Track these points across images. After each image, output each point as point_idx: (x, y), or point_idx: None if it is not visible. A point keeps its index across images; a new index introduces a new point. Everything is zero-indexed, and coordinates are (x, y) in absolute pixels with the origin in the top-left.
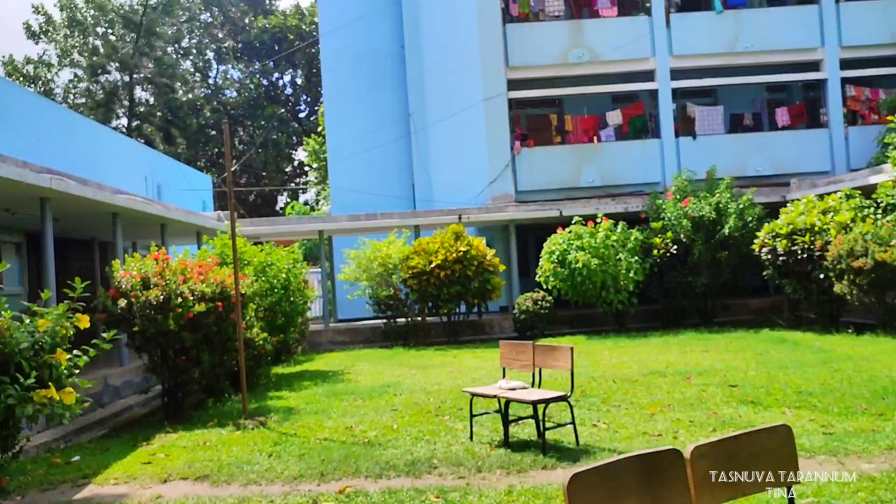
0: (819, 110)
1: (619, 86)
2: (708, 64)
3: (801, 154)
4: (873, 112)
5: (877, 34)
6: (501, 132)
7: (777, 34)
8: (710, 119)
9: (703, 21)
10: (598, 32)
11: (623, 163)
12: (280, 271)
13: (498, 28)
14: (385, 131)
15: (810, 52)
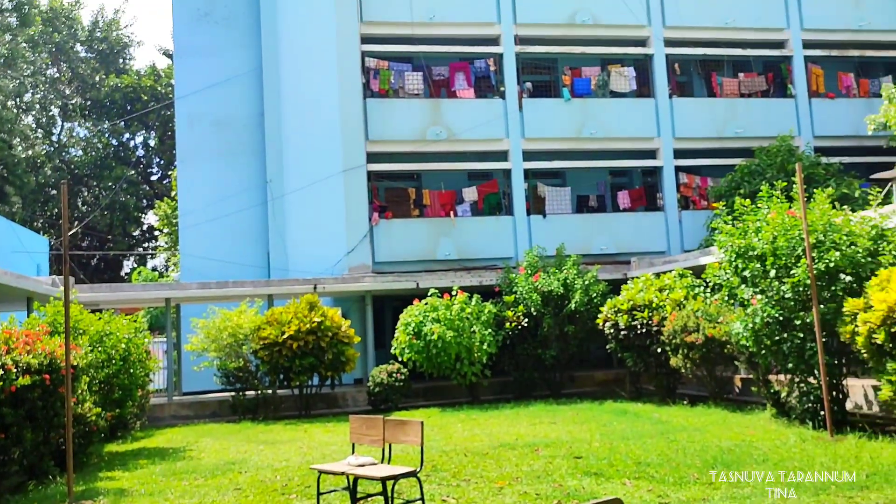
0: (657, 195)
1: (476, 164)
2: (557, 147)
3: (640, 234)
4: (703, 198)
5: (705, 128)
6: (360, 203)
7: (619, 123)
8: (559, 199)
9: (552, 107)
10: (455, 112)
11: (478, 237)
12: (119, 341)
13: (359, 102)
14: (241, 198)
15: (648, 141)
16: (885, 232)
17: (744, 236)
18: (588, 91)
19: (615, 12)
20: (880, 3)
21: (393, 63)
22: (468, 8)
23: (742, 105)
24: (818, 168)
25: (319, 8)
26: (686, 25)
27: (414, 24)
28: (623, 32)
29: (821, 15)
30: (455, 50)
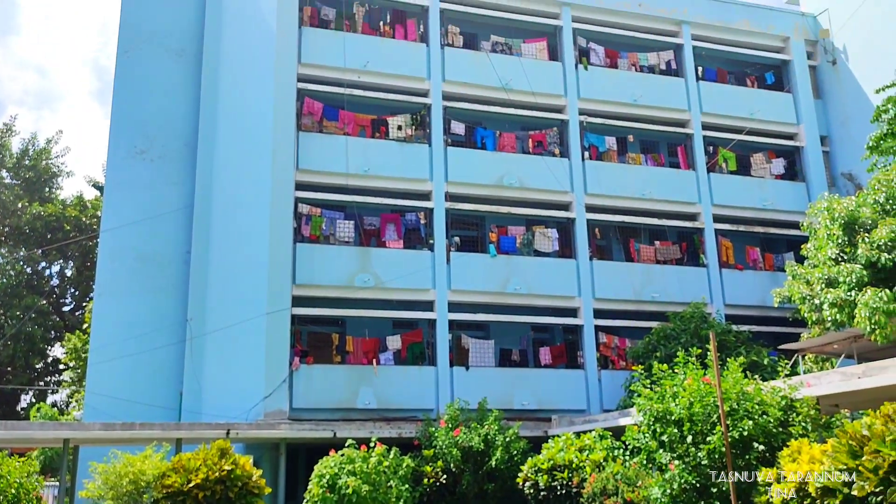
0: (577, 353)
1: (401, 312)
2: (482, 301)
3: (561, 391)
4: (622, 358)
5: (623, 291)
6: (282, 347)
7: (542, 281)
8: (482, 352)
9: (479, 262)
10: (384, 261)
11: (400, 388)
12: (10, 485)
13: (289, 246)
14: (158, 335)
15: (569, 300)
16: (794, 403)
17: (662, 401)
18: (513, 248)
19: (541, 177)
20: (781, 187)
21: (326, 210)
22: (402, 164)
23: (658, 271)
24: (729, 335)
25: (257, 153)
26: (607, 194)
27: (349, 176)
28: (547, 196)
29: (729, 193)
30: (387, 202)
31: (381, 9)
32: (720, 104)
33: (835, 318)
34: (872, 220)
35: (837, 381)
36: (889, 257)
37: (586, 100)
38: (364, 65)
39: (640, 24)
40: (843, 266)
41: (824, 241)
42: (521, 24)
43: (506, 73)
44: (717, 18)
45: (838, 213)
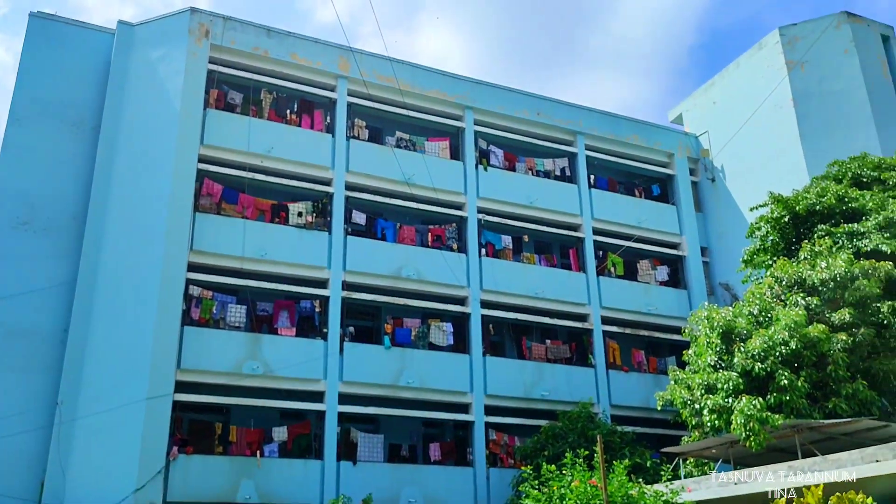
0: (467, 449)
1: (290, 403)
2: (374, 393)
3: (449, 489)
4: (510, 456)
5: (514, 388)
6: (160, 435)
7: (436, 375)
8: (371, 446)
9: (373, 353)
10: (275, 349)
11: (283, 481)
12: None
13: (175, 329)
14: (23, 419)
15: (461, 395)
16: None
17: (550, 502)
18: (408, 341)
19: (438, 271)
20: (665, 293)
21: (217, 294)
22: (300, 251)
23: (548, 369)
24: (615, 436)
25: (150, 230)
26: (501, 291)
27: (245, 259)
28: (444, 290)
29: (617, 297)
30: (282, 288)
31: (289, 98)
32: (610, 211)
33: (713, 424)
34: (747, 331)
35: (715, 486)
36: (762, 367)
37: (485, 199)
38: (268, 150)
39: (538, 131)
40: (721, 373)
41: (704, 348)
42: (426, 122)
43: (409, 168)
44: (609, 132)
45: (717, 322)
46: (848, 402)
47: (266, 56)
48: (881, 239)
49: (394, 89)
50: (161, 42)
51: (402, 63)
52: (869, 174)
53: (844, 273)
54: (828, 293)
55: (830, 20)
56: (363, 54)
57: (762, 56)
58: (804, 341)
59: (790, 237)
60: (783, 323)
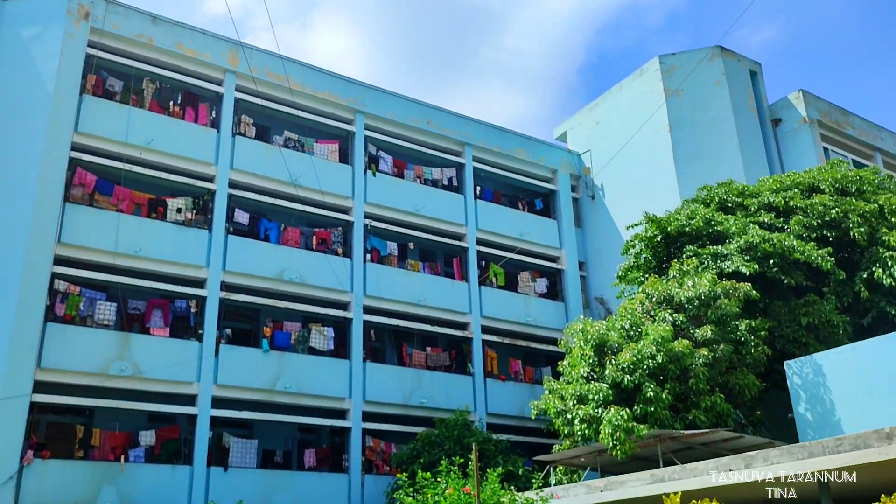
0: (343, 456)
1: (160, 405)
2: (249, 397)
3: (323, 496)
4: (386, 463)
5: (393, 395)
6: (14, 439)
7: (314, 380)
8: (244, 452)
9: (250, 356)
10: (146, 349)
11: (149, 488)
12: None
13: (37, 325)
14: None
15: (339, 401)
16: None
17: None
18: (287, 345)
19: (322, 275)
20: (544, 305)
21: (86, 289)
22: (178, 248)
23: (428, 377)
24: (490, 444)
25: (13, 220)
26: (385, 297)
27: (117, 255)
28: (327, 294)
29: (497, 307)
30: (157, 286)
31: (172, 89)
32: (494, 223)
33: (583, 433)
34: (619, 344)
35: (583, 493)
36: (631, 379)
37: (372, 204)
38: (148, 142)
39: (428, 140)
40: (593, 384)
41: (578, 359)
42: (316, 124)
43: (296, 169)
44: (496, 145)
45: (591, 335)
46: (706, 413)
47: (150, 44)
48: (742, 261)
49: (284, 88)
50: (35, 20)
51: (294, 62)
52: (734, 200)
53: (708, 292)
54: (693, 310)
55: (705, 52)
56: (253, 50)
57: (643, 81)
58: (670, 355)
59: (661, 256)
60: (651, 337)
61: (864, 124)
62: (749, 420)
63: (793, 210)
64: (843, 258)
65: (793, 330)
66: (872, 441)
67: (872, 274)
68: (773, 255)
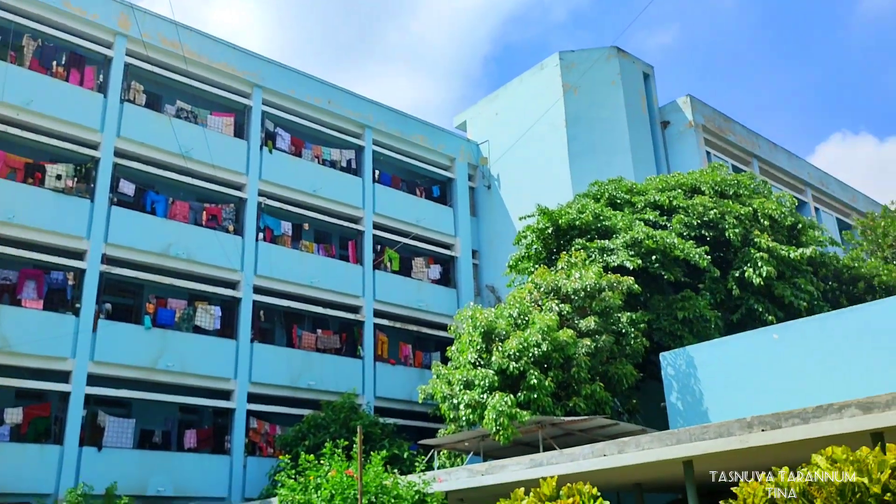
0: (225, 437)
1: (29, 382)
2: (129, 375)
3: (203, 478)
4: (270, 446)
5: (281, 376)
6: None
7: (198, 360)
8: (120, 431)
9: (130, 333)
10: (17, 322)
11: (13, 467)
12: None
13: None
14: None
15: (224, 382)
16: (426, 497)
17: (304, 492)
18: (171, 322)
19: (211, 252)
20: (436, 291)
21: None
22: (56, 217)
23: (317, 359)
24: (376, 428)
25: None
26: (276, 277)
27: None
28: (215, 272)
29: (391, 291)
30: (31, 256)
31: (56, 48)
32: (391, 207)
33: (468, 418)
34: (506, 332)
35: (464, 477)
36: (516, 366)
37: (267, 182)
38: (27, 102)
39: (328, 120)
40: (479, 371)
41: (466, 345)
42: (211, 96)
43: (187, 141)
44: (397, 129)
45: (479, 322)
46: (586, 401)
47: None
48: (626, 256)
49: (178, 56)
50: None
51: (190, 29)
52: (622, 196)
53: (594, 284)
54: (578, 301)
55: (603, 52)
56: (147, 13)
57: (543, 76)
58: (554, 344)
59: (552, 247)
60: (538, 326)
61: (744, 131)
62: (626, 408)
63: (676, 209)
64: (719, 257)
65: (669, 323)
66: (735, 429)
67: (744, 273)
68: (656, 251)
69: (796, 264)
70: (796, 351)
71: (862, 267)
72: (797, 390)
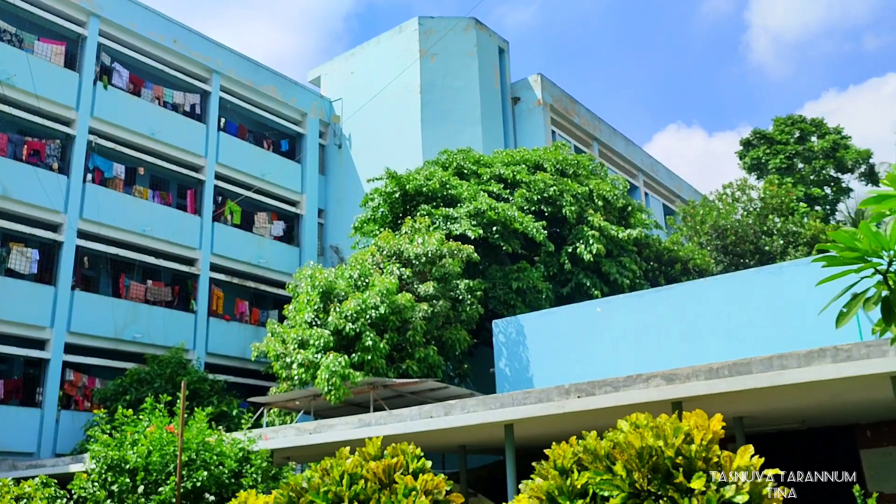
0: (37, 389)
1: None
2: None
3: (10, 431)
4: (87, 399)
5: (104, 327)
6: None
7: (10, 306)
8: None
9: None
10: None
11: None
12: None
13: None
14: None
15: (38, 330)
16: (250, 455)
17: (119, 448)
18: None
19: (30, 190)
20: (278, 248)
21: None
22: None
23: (145, 311)
24: (205, 384)
25: None
26: (104, 223)
27: None
28: (34, 213)
29: (230, 245)
30: None
31: None
32: (236, 158)
33: (301, 377)
34: (345, 293)
35: (292, 435)
36: (353, 327)
37: (100, 120)
38: None
39: (173, 60)
40: (315, 330)
41: (304, 305)
42: (39, 19)
43: (10, 67)
44: (247, 77)
45: (319, 281)
46: (419, 364)
47: None
48: (469, 225)
49: None
50: None
51: None
52: (470, 167)
53: (435, 251)
54: (419, 266)
55: (461, 22)
56: None
57: (401, 39)
58: (392, 307)
59: (398, 212)
60: (377, 289)
61: (588, 115)
62: (457, 372)
63: (519, 183)
64: (555, 233)
65: (504, 292)
66: (554, 396)
67: (576, 249)
68: (497, 222)
69: (623, 244)
70: (616, 324)
71: (680, 250)
72: (614, 361)
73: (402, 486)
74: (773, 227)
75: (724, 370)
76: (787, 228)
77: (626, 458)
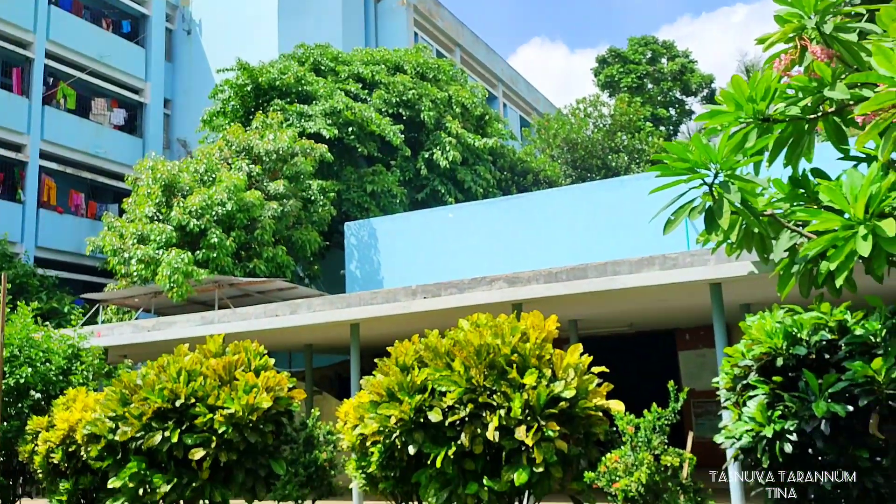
0: None
1: None
2: None
3: None
4: None
5: None
6: None
7: None
8: None
9: None
10: None
11: None
12: None
13: None
14: None
15: None
16: (80, 352)
17: None
18: None
19: None
20: (118, 137)
21: None
22: None
23: None
24: (33, 279)
25: None
26: None
27: None
28: None
29: (63, 132)
30: None
31: None
32: (70, 37)
33: (141, 274)
34: (190, 188)
35: (129, 332)
36: (197, 223)
37: None
38: None
39: None
40: (156, 225)
41: (144, 198)
42: None
43: None
44: None
45: (161, 174)
46: (267, 264)
47: None
48: (324, 124)
49: None
50: None
51: None
52: (327, 64)
53: (287, 148)
54: (269, 164)
55: None
56: None
57: None
58: (240, 204)
59: (249, 106)
60: (224, 185)
61: (452, 19)
62: (307, 273)
63: (377, 84)
64: (412, 137)
65: (358, 195)
66: (400, 296)
67: (433, 155)
68: (353, 123)
69: (479, 152)
70: (466, 230)
71: (532, 162)
72: (463, 266)
73: (242, 383)
74: (620, 144)
75: (562, 274)
76: (633, 146)
77: (465, 356)
